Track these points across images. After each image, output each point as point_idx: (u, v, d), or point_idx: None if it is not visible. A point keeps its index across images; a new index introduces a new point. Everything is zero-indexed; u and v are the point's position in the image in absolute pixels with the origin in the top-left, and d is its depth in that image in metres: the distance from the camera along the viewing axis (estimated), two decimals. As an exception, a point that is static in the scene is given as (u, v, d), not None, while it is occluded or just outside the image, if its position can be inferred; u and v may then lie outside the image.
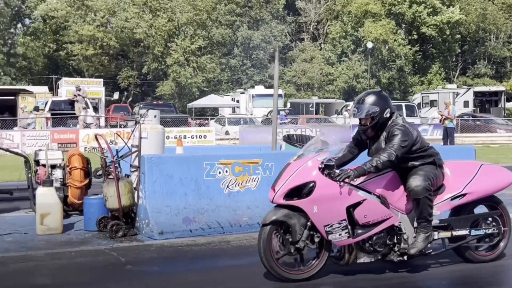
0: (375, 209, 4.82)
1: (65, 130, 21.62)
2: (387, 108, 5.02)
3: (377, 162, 4.76)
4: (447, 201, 5.12)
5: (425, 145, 5.12)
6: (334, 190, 4.71)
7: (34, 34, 48.71)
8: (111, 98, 36.52)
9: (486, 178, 5.27)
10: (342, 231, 4.72)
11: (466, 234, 5.17)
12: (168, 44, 44.75)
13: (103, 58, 46.52)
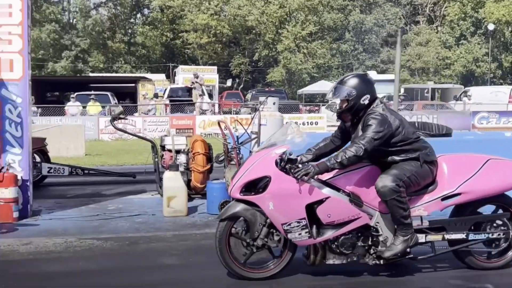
0: (340, 208, 4.35)
1: (183, 116, 22.49)
2: (366, 93, 4.48)
3: (342, 158, 4.26)
4: (436, 201, 4.50)
5: (410, 137, 4.49)
6: (291, 186, 4.28)
7: (152, 24, 51.09)
8: (224, 85, 37.52)
9: (491, 175, 4.56)
10: (301, 230, 4.32)
11: (462, 238, 4.56)
12: (279, 31, 45.02)
13: (217, 46, 47.79)
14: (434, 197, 4.50)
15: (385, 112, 4.44)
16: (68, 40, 46.52)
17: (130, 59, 50.25)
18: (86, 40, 46.54)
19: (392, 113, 4.52)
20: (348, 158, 4.24)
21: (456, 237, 4.54)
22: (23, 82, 6.85)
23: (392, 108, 4.70)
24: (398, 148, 4.44)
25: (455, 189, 4.48)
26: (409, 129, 4.51)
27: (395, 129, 4.40)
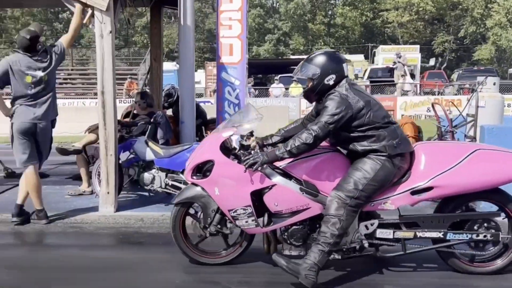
0: (287, 196, 3.95)
1: (384, 98, 22.01)
2: (331, 73, 3.94)
3: (291, 146, 3.81)
4: (405, 194, 3.89)
5: (376, 122, 3.86)
6: (235, 171, 3.97)
7: (352, 4, 50.85)
8: (426, 64, 35.91)
9: (475, 167, 3.84)
10: (248, 218, 4.03)
11: (439, 237, 3.96)
12: (488, 5, 41.60)
13: (419, 24, 45.93)
14: (403, 190, 3.91)
15: (348, 92, 3.90)
16: (271, 24, 48.53)
17: (329, 40, 50.76)
18: (288, 23, 48.08)
19: (358, 93, 3.93)
20: (297, 147, 3.81)
21: (431, 236, 3.98)
22: (241, 65, 7.26)
23: (360, 88, 4.06)
24: (361, 134, 3.89)
25: (426, 182, 3.86)
26: (378, 113, 3.91)
27: (357, 111, 3.84)
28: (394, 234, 3.97)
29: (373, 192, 3.86)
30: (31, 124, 5.37)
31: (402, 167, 3.92)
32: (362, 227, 3.97)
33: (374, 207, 3.95)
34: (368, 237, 3.97)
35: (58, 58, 5.58)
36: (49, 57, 5.48)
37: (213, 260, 4.36)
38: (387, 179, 3.86)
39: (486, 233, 3.96)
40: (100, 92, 5.70)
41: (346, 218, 3.81)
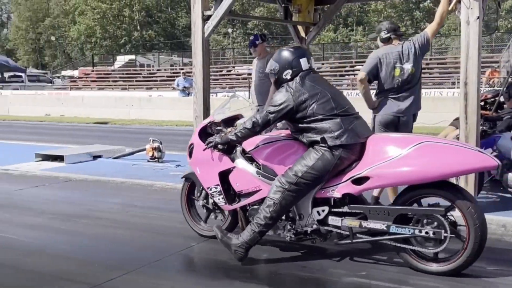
0: (244, 178, 4.38)
1: None
2: (287, 68, 4.19)
3: (239, 131, 4.22)
4: (347, 183, 3.96)
5: (319, 114, 4.01)
6: (207, 154, 4.55)
7: None
8: None
9: (414, 160, 3.74)
10: (219, 195, 4.55)
11: (382, 229, 3.90)
12: None
13: None
14: (345, 179, 3.99)
15: (295, 86, 4.12)
16: None
17: None
18: None
19: (308, 87, 4.09)
20: (240, 131, 4.22)
21: (374, 227, 3.95)
22: None
23: (316, 80, 4.12)
24: (306, 125, 4.09)
25: (362, 172, 3.91)
26: (323, 105, 4.04)
27: (298, 104, 4.05)
28: (342, 222, 4.06)
29: (312, 179, 4.01)
30: (394, 117, 5.37)
31: (346, 158, 4.00)
32: (314, 212, 4.13)
33: (323, 194, 4.09)
34: (321, 223, 4.12)
35: (422, 49, 5.41)
36: (414, 49, 5.36)
37: (205, 232, 4.86)
38: (325, 168, 3.99)
39: (427, 230, 3.82)
40: (463, 82, 5.31)
41: (281, 202, 4.04)
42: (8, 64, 42.04)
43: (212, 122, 4.70)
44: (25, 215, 5.77)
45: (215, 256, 4.44)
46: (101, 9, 64.06)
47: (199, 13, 6.56)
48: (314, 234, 4.15)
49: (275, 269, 4.13)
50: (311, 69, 4.22)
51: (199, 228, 4.92)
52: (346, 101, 4.22)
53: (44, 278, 4.00)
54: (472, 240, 3.72)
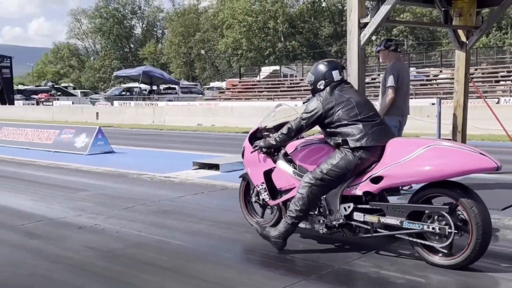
0: (282, 176, 5.01)
1: None
2: (321, 79, 4.80)
3: (278, 136, 4.87)
4: (366, 182, 4.47)
5: (343, 120, 4.57)
6: (254, 156, 5.20)
7: None
8: None
9: (423, 161, 4.18)
10: (264, 192, 5.16)
11: (396, 224, 4.37)
12: None
13: None
14: (365, 178, 4.49)
15: (326, 95, 4.67)
16: None
17: None
18: None
19: (337, 96, 4.65)
20: (279, 137, 4.85)
21: (390, 222, 4.42)
22: None
23: (345, 90, 4.69)
24: (333, 130, 4.62)
25: (378, 172, 4.41)
26: (347, 112, 4.58)
27: (326, 111, 4.61)
28: (364, 217, 4.49)
29: (336, 176, 4.50)
30: None
31: (366, 159, 4.46)
32: (342, 208, 4.60)
33: (349, 191, 4.56)
34: (347, 218, 4.58)
35: None
36: None
37: (257, 224, 5.25)
38: (347, 167, 4.47)
39: (434, 226, 4.18)
40: None
41: (309, 196, 4.56)
42: (163, 77, 45.22)
43: (262, 129, 5.44)
44: (188, 222, 6.03)
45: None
46: (247, 22, 66.42)
47: (355, 21, 6.43)
48: (343, 228, 4.69)
49: (311, 258, 4.67)
50: (342, 80, 4.80)
51: (254, 221, 5.54)
52: (372, 109, 4.73)
53: (208, 286, 4.11)
54: (474, 237, 4.04)
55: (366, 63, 39.81)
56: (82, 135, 13.21)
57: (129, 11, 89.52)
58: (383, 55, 7.19)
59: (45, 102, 47.83)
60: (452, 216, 4.13)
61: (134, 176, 9.38)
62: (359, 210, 4.57)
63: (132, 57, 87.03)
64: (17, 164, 11.47)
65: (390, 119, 6.97)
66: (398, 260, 4.52)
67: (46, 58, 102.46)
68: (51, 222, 6.08)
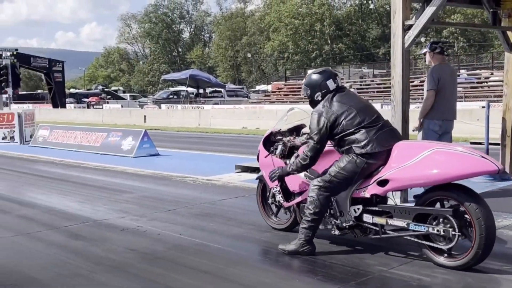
0: (295, 180, 5.18)
1: None
2: (317, 91, 4.91)
3: (296, 165, 4.90)
4: (373, 184, 4.59)
5: (348, 129, 4.67)
6: (268, 159, 5.47)
7: None
8: None
9: (427, 164, 4.28)
10: (279, 194, 5.38)
11: (403, 226, 4.50)
12: None
13: None
14: (372, 181, 4.59)
15: (325, 107, 4.76)
16: None
17: None
18: None
19: (336, 105, 4.74)
20: (297, 165, 4.88)
21: (397, 224, 4.54)
22: None
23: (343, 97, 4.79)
24: (337, 139, 4.72)
25: (384, 175, 4.52)
26: (350, 121, 4.66)
27: (332, 123, 4.69)
28: (373, 219, 4.65)
29: (344, 179, 4.66)
30: None
31: (372, 163, 4.58)
32: (352, 210, 4.75)
33: (357, 194, 4.70)
34: (357, 219, 4.73)
35: None
36: None
37: (279, 226, 5.67)
38: (354, 171, 4.61)
39: (439, 228, 4.27)
40: None
41: (319, 198, 4.69)
42: (209, 81, 45.70)
43: (276, 132, 5.62)
44: (228, 225, 6.05)
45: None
46: (293, 25, 66.33)
47: (399, 23, 6.31)
48: (354, 229, 4.82)
49: (350, 264, 4.61)
50: (338, 87, 4.90)
51: (271, 221, 5.80)
52: (373, 112, 4.82)
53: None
54: (477, 240, 4.12)
55: (415, 65, 39.10)
56: (128, 138, 13.47)
57: (178, 16, 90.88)
58: (429, 57, 7.04)
59: (95, 105, 49.08)
60: (456, 219, 4.23)
61: (178, 178, 9.49)
62: (368, 212, 4.70)
63: (180, 61, 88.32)
64: (65, 166, 11.80)
65: (429, 123, 6.82)
66: (439, 269, 4.39)
67: (97, 62, 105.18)
68: (95, 224, 6.21)
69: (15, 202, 7.64)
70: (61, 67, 43.56)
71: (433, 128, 6.79)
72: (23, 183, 9.54)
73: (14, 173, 10.81)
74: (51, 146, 15.53)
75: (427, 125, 6.84)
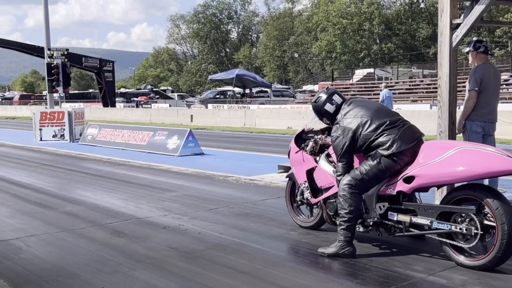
0: (323, 175, 5.29)
1: None
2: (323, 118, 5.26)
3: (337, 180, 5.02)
4: (399, 182, 4.66)
5: (369, 138, 4.76)
6: (299, 156, 5.57)
7: None
8: None
9: (452, 162, 4.34)
10: (307, 190, 5.48)
11: (426, 224, 4.54)
12: None
13: None
14: (398, 178, 4.64)
15: (339, 127, 4.91)
16: None
17: None
18: None
19: (348, 121, 4.88)
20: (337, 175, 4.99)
21: (421, 222, 4.57)
22: None
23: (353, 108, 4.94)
24: (365, 149, 4.80)
25: (410, 172, 4.57)
26: (369, 130, 4.75)
27: (351, 140, 4.82)
28: (397, 216, 4.70)
29: (374, 176, 4.72)
30: None
31: (400, 160, 4.65)
32: (377, 207, 4.81)
33: (384, 191, 4.76)
34: (382, 217, 4.79)
35: None
36: None
37: (306, 224, 5.76)
38: (384, 168, 4.68)
39: (461, 226, 4.29)
40: None
41: (351, 196, 4.74)
42: (256, 81, 45.76)
43: (309, 130, 5.72)
44: (268, 225, 6.01)
45: None
46: (341, 25, 65.73)
47: (447, 22, 6.12)
48: (378, 227, 4.87)
49: (390, 268, 4.56)
50: (342, 103, 5.09)
51: (298, 220, 5.87)
52: (387, 113, 4.94)
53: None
54: (499, 239, 4.09)
55: (466, 66, 38.07)
56: (174, 137, 13.63)
57: (226, 16, 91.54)
58: (472, 56, 6.81)
59: (144, 104, 49.96)
60: (478, 218, 4.24)
61: (221, 178, 9.53)
62: (393, 209, 4.78)
63: (227, 61, 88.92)
64: (112, 164, 12.04)
65: (471, 124, 6.60)
66: (485, 274, 4.24)
67: (147, 62, 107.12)
68: (138, 221, 6.30)
69: (61, 199, 7.84)
70: (112, 67, 44.52)
71: (476, 130, 6.58)
72: (70, 180, 9.78)
73: (63, 170, 11.10)
74: (99, 144, 15.90)
75: (469, 127, 6.62)
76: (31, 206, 7.30)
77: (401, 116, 5.00)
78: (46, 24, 20.75)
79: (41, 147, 16.22)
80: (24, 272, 4.54)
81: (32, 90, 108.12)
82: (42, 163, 12.32)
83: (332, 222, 5.35)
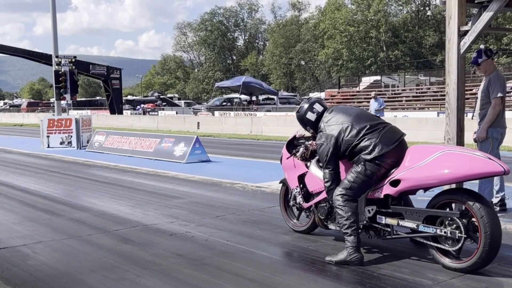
0: (313, 180, 5.44)
1: None
2: (307, 126, 5.42)
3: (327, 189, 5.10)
4: (387, 185, 4.76)
5: (351, 143, 4.89)
6: (290, 162, 5.74)
7: None
8: None
9: (436, 166, 4.43)
10: (299, 195, 5.62)
11: (413, 227, 4.66)
12: None
13: None
14: (385, 182, 4.74)
15: (324, 134, 5.05)
16: None
17: None
18: None
19: (330, 128, 5.02)
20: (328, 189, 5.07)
21: (407, 225, 4.68)
22: None
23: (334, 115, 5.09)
24: (348, 154, 4.92)
25: (396, 176, 4.67)
26: (350, 136, 4.88)
27: (334, 146, 4.95)
28: (385, 220, 4.84)
29: (362, 182, 4.82)
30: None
31: (383, 163, 4.76)
32: (366, 210, 4.94)
33: (372, 195, 4.89)
34: (371, 220, 4.92)
35: None
36: None
37: (298, 228, 5.88)
38: (370, 174, 4.78)
39: (446, 230, 4.41)
40: None
41: (346, 204, 4.84)
42: (262, 88, 45.79)
43: (300, 136, 5.79)
44: (275, 233, 5.99)
45: None
46: (348, 32, 65.76)
47: (454, 29, 6.10)
48: (368, 230, 4.98)
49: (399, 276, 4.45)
50: (323, 111, 5.24)
51: (292, 224, 6.00)
52: (367, 117, 5.03)
53: (292, 299, 4.03)
54: (482, 244, 4.20)
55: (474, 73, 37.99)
56: (180, 144, 13.64)
57: (233, 24, 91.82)
58: (487, 64, 6.77)
59: (151, 112, 50.10)
60: (463, 222, 4.34)
61: (227, 185, 9.52)
62: (381, 213, 4.90)
63: (234, 68, 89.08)
64: (119, 170, 12.06)
65: (493, 131, 6.58)
66: (493, 280, 4.21)
67: (154, 69, 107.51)
68: (145, 228, 6.29)
69: (69, 206, 7.84)
70: (119, 74, 44.70)
71: (497, 136, 6.58)
72: (77, 187, 9.79)
73: (70, 177, 11.12)
74: (106, 151, 15.93)
75: (491, 133, 6.61)
76: (38, 212, 7.31)
77: (381, 119, 5.15)
78: (54, 31, 20.87)
79: (49, 154, 16.27)
80: (31, 279, 4.54)
81: (40, 98, 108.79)
82: (50, 170, 12.36)
83: (324, 226, 5.47)
